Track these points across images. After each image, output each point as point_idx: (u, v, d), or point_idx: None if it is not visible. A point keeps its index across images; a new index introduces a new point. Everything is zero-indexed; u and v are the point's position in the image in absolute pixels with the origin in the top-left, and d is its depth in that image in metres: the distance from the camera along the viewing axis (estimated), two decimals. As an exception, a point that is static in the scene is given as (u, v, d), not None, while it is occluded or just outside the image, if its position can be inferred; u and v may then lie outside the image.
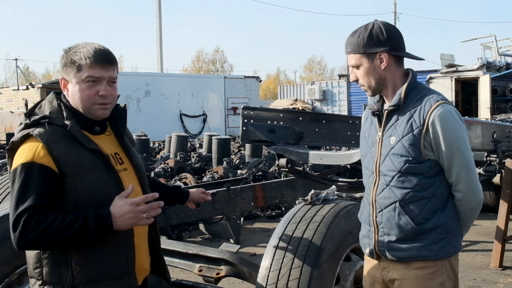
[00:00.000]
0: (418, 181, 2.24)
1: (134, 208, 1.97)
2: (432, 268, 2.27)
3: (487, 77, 17.56)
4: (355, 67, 2.32)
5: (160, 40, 31.33)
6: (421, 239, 2.26)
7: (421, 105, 2.24)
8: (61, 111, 2.07)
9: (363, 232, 2.46)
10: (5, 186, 5.20)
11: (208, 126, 24.06)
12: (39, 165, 1.95)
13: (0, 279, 3.01)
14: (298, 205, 3.30)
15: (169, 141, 12.80)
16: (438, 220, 2.25)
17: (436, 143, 2.21)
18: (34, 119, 2.03)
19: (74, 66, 2.06)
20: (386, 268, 2.37)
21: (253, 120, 4.71)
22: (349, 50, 2.32)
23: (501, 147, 5.39)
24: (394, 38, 2.30)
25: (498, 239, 5.67)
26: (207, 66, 67.15)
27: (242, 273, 3.28)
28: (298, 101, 28.14)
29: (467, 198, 2.28)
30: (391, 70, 2.30)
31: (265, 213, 8.31)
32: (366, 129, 2.46)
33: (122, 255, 2.09)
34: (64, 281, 2.00)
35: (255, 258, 5.72)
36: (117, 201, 1.98)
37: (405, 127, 2.24)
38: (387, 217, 2.29)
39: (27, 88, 23.37)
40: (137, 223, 2.00)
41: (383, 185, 2.30)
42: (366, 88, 2.35)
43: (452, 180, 2.27)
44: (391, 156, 2.27)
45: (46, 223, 1.90)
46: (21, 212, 1.91)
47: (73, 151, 2.00)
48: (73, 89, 2.09)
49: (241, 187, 6.38)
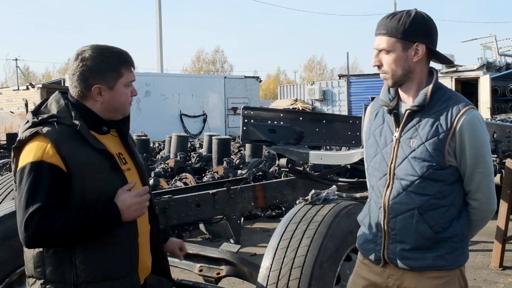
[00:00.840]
0: (439, 188, 2.12)
1: (139, 199, 2.05)
2: (445, 278, 2.17)
3: (487, 77, 17.57)
4: (384, 51, 2.15)
5: (160, 40, 31.34)
6: (436, 249, 2.15)
7: (447, 108, 2.11)
8: (68, 110, 2.07)
9: (368, 237, 2.29)
10: (5, 186, 5.20)
11: (208, 126, 24.07)
12: (49, 164, 1.95)
13: (1, 279, 3.02)
14: (299, 205, 3.30)
15: (169, 141, 12.81)
16: (455, 229, 2.15)
17: (461, 149, 2.10)
18: (42, 117, 2.02)
19: (116, 72, 2.10)
20: (393, 275, 2.23)
21: (253, 120, 4.71)
22: (384, 31, 2.13)
23: (501, 147, 5.40)
24: (435, 33, 2.18)
25: (498, 239, 5.67)
26: (207, 66, 67.17)
27: (242, 273, 3.28)
28: (298, 101, 28.13)
29: (484, 208, 2.19)
30: (421, 65, 2.17)
31: (265, 213, 8.31)
32: (376, 126, 2.28)
33: (126, 254, 2.10)
34: (68, 280, 2.00)
35: (255, 258, 5.72)
36: (121, 194, 2.03)
37: (429, 130, 2.10)
38: (403, 224, 2.15)
39: (27, 88, 23.36)
40: (141, 213, 2.08)
41: (399, 189, 2.16)
42: (389, 77, 2.17)
43: (470, 188, 2.17)
44: (411, 159, 2.13)
45: (59, 222, 1.91)
46: (32, 212, 1.90)
47: (81, 151, 2.00)
48: (112, 95, 2.11)
49: (241, 187, 6.38)
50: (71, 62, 2.12)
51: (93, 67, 2.06)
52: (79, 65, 2.07)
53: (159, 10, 31.18)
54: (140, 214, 2.08)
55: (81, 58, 2.07)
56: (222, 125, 25.26)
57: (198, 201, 5.88)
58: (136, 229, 2.13)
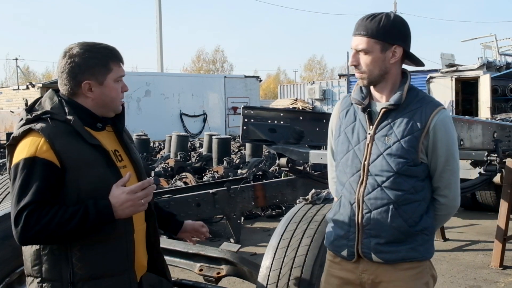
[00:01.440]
0: (413, 183, 2.20)
1: (132, 196, 1.98)
2: (418, 268, 2.26)
3: (487, 76, 17.54)
4: (362, 51, 2.20)
5: (160, 39, 31.35)
6: (409, 242, 2.22)
7: (421, 108, 2.20)
8: (62, 107, 2.07)
9: (340, 233, 2.32)
10: (5, 186, 5.20)
11: (208, 126, 24.10)
12: (42, 159, 1.94)
13: (1, 279, 3.01)
14: (299, 204, 3.30)
15: (169, 140, 12.82)
16: (425, 223, 2.24)
17: (433, 147, 2.19)
18: (35, 114, 2.02)
19: (104, 67, 2.08)
20: (367, 270, 2.27)
21: (253, 120, 4.71)
22: (363, 32, 2.19)
23: (502, 146, 5.40)
24: (410, 36, 2.26)
25: (499, 239, 5.67)
26: (207, 66, 67.20)
27: (242, 273, 3.27)
28: (298, 100, 28.15)
29: (451, 204, 2.29)
30: (397, 67, 2.24)
31: (265, 213, 8.31)
32: (347, 124, 2.32)
33: (123, 251, 2.08)
34: (64, 277, 1.99)
35: (255, 258, 5.71)
36: (114, 190, 1.99)
37: (405, 128, 2.18)
38: (377, 219, 2.21)
39: (27, 87, 23.40)
40: (137, 210, 2.02)
41: (373, 185, 2.22)
42: (365, 77, 2.23)
43: (439, 185, 2.25)
44: (386, 156, 2.19)
45: (47, 217, 1.90)
46: (22, 207, 1.90)
47: (75, 146, 1.99)
48: (102, 90, 2.09)
49: (242, 186, 6.38)
50: (59, 60, 2.10)
51: (81, 63, 2.05)
52: (67, 62, 2.06)
53: (159, 9, 31.19)
54: (136, 211, 2.03)
55: (69, 55, 2.06)
56: (222, 124, 25.29)
57: (198, 201, 5.89)
58: (132, 225, 2.11)
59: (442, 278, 5.35)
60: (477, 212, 8.28)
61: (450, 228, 7.28)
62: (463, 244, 6.73)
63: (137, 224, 2.15)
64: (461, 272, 5.58)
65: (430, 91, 18.02)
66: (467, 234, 7.23)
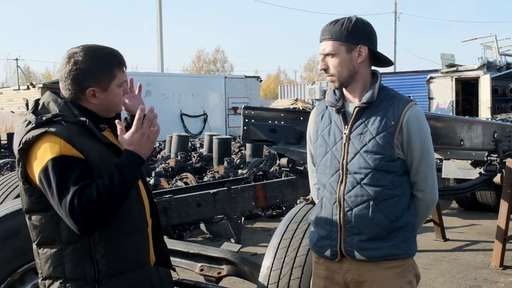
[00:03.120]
0: (391, 179, 2.24)
1: (142, 130, 2.03)
2: (401, 267, 2.28)
3: (488, 76, 17.52)
4: (329, 55, 2.28)
5: (161, 39, 31.34)
6: (391, 238, 2.25)
7: (393, 105, 2.26)
8: (69, 109, 2.08)
9: (322, 234, 2.35)
10: (6, 186, 5.21)
11: (208, 126, 24.06)
12: (69, 156, 1.94)
13: (3, 278, 3.02)
14: (299, 204, 3.31)
15: (169, 140, 12.82)
16: (407, 219, 2.27)
17: (408, 142, 2.24)
18: (47, 117, 2.02)
19: (109, 74, 2.09)
20: (350, 270, 2.30)
21: (254, 120, 4.71)
22: (328, 36, 2.27)
23: (502, 146, 5.40)
24: (375, 36, 2.33)
25: (499, 239, 5.67)
26: (208, 66, 67.18)
27: (243, 273, 3.28)
28: (298, 100, 28.11)
29: (428, 198, 2.33)
30: (365, 66, 2.30)
31: (266, 213, 8.32)
32: (324, 127, 2.39)
33: (142, 245, 2.14)
34: (88, 276, 2.00)
35: (256, 258, 5.72)
36: (123, 140, 2.04)
37: (379, 125, 2.23)
38: (359, 216, 2.25)
39: (27, 88, 23.36)
40: (155, 138, 2.08)
41: (353, 183, 2.26)
42: (335, 79, 2.31)
43: (417, 180, 2.30)
44: (363, 153, 2.24)
45: (94, 194, 1.90)
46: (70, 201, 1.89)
47: (93, 145, 2.02)
48: (106, 96, 2.11)
49: (242, 186, 6.39)
50: (62, 64, 2.09)
51: (87, 70, 2.05)
52: (72, 68, 2.05)
53: (160, 9, 31.18)
54: (155, 139, 2.07)
55: (74, 61, 2.05)
56: (222, 124, 25.26)
57: (198, 201, 5.89)
58: (146, 219, 2.17)
59: (443, 278, 5.35)
60: (477, 212, 8.29)
61: (451, 228, 7.30)
62: (464, 244, 6.73)
63: (144, 220, 2.19)
64: (462, 272, 5.58)
65: (430, 91, 18.03)
66: (467, 234, 7.23)
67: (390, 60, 2.39)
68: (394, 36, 47.30)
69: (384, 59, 2.37)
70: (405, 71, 24.19)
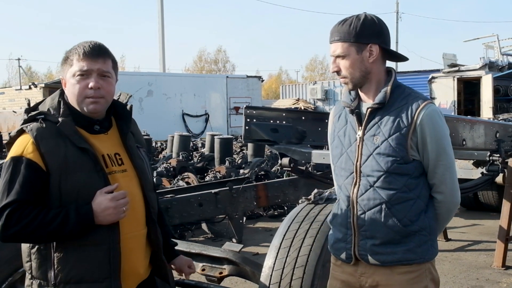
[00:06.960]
0: (405, 182, 2.17)
1: (115, 203, 1.98)
2: (416, 272, 2.21)
3: (490, 76, 17.49)
4: (340, 56, 2.22)
5: (162, 40, 31.35)
6: (406, 242, 2.18)
7: (407, 104, 2.18)
8: (59, 107, 2.08)
9: (338, 236, 2.32)
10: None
11: (210, 126, 24.08)
12: (27, 160, 1.96)
13: (4, 278, 3.02)
14: (301, 204, 3.30)
15: (171, 140, 12.83)
16: (423, 222, 2.20)
17: (422, 143, 2.16)
18: (31, 115, 2.05)
19: (66, 63, 2.10)
20: (365, 273, 2.26)
21: (255, 120, 4.71)
22: (337, 38, 2.20)
23: (504, 146, 5.39)
24: (386, 33, 2.24)
25: (501, 239, 5.66)
26: (209, 66, 67.14)
27: (245, 273, 3.27)
28: (300, 100, 28.11)
29: (449, 200, 2.25)
30: (378, 65, 2.23)
31: (267, 213, 8.31)
32: (340, 128, 2.35)
33: (104, 259, 2.03)
34: (49, 278, 2.00)
35: (258, 258, 5.72)
36: (98, 197, 1.99)
37: (392, 126, 2.16)
38: (372, 219, 2.19)
39: (29, 88, 23.40)
40: (118, 218, 2.01)
41: (366, 186, 2.21)
42: (348, 81, 2.24)
43: (435, 181, 2.22)
44: (375, 156, 2.18)
45: (28, 218, 1.91)
46: (4, 205, 1.92)
47: (62, 149, 1.99)
48: (68, 86, 2.11)
49: (244, 186, 6.39)
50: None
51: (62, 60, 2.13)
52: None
53: (161, 9, 31.20)
54: (116, 218, 2.00)
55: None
56: (224, 124, 25.26)
57: (200, 201, 5.89)
58: (118, 233, 2.05)
59: (445, 278, 5.34)
60: (479, 212, 8.28)
61: (452, 228, 7.28)
62: (466, 244, 6.72)
63: (131, 230, 2.12)
64: (464, 272, 5.57)
65: (432, 91, 18.00)
66: (469, 234, 7.22)
67: (403, 56, 2.32)
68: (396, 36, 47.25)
69: (397, 55, 2.31)
70: (407, 71, 24.17)
